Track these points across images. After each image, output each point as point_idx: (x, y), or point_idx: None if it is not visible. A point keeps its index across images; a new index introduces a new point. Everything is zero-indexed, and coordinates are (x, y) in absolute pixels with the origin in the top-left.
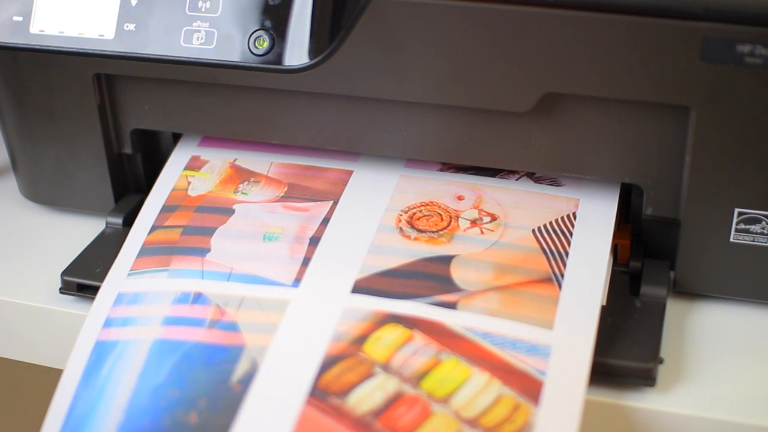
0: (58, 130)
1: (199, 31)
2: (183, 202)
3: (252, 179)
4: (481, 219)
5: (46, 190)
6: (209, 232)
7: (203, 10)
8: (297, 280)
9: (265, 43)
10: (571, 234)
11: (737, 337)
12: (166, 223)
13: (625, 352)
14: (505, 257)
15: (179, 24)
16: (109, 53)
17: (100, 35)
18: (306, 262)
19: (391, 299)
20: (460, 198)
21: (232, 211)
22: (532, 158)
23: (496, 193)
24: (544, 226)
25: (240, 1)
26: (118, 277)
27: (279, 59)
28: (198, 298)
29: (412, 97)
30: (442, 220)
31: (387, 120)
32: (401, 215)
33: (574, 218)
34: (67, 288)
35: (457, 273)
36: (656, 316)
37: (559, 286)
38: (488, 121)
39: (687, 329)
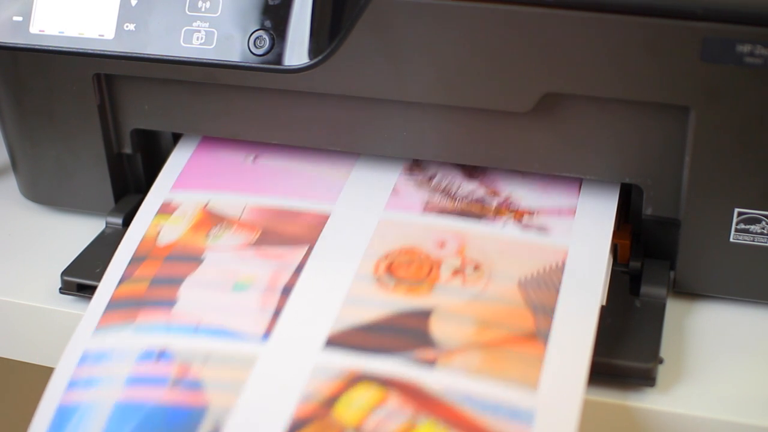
0: (58, 130)
1: (199, 31)
2: (152, 252)
3: (224, 224)
4: (464, 268)
5: (46, 190)
6: (177, 282)
7: (203, 10)
8: (267, 334)
9: (265, 43)
10: (558, 287)
11: (737, 337)
12: (134, 275)
13: (625, 352)
14: (488, 311)
15: (179, 24)
16: (109, 53)
17: (100, 35)
18: (277, 313)
19: (366, 355)
20: (442, 244)
21: (202, 259)
22: (532, 158)
23: (481, 240)
24: (531, 275)
25: (240, 1)
26: (84, 335)
27: (279, 59)
28: (162, 354)
29: (412, 97)
30: (422, 268)
31: (387, 120)
32: (380, 262)
33: (563, 270)
34: (67, 288)
35: (436, 328)
36: (656, 316)
37: (545, 343)
38: (488, 121)
39: (687, 329)
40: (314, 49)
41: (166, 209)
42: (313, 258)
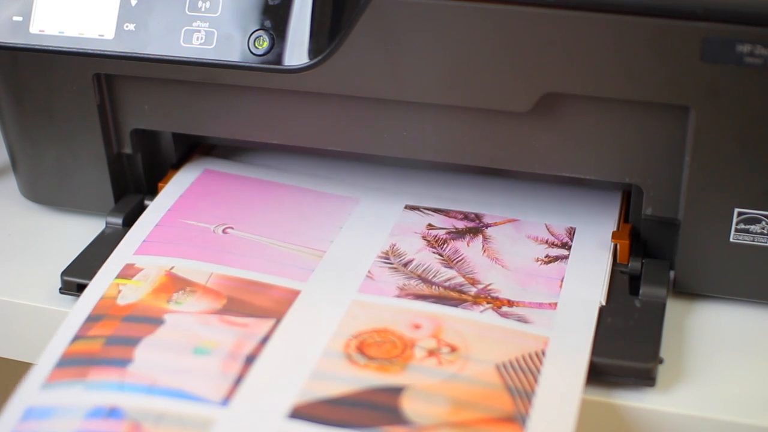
0: (58, 129)
1: (199, 31)
2: (110, 311)
3: (188, 288)
4: (440, 349)
5: (46, 190)
6: (134, 342)
7: (203, 10)
8: (226, 399)
9: (264, 43)
10: (538, 373)
11: (737, 337)
12: (89, 333)
13: (625, 352)
14: (464, 392)
15: (179, 24)
16: (108, 53)
17: (99, 35)
18: (239, 380)
19: (332, 429)
20: (417, 326)
21: (162, 321)
22: (531, 158)
23: (458, 324)
24: (510, 362)
25: (240, 1)
26: (29, 390)
27: (279, 59)
28: (113, 412)
29: (412, 97)
30: (395, 347)
31: (387, 120)
32: (350, 341)
33: (543, 357)
34: (67, 288)
35: (408, 405)
36: (656, 316)
37: (523, 426)
38: (488, 121)
39: (687, 329)
40: (314, 49)
41: (128, 271)
42: (280, 331)
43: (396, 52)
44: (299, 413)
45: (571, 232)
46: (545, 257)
